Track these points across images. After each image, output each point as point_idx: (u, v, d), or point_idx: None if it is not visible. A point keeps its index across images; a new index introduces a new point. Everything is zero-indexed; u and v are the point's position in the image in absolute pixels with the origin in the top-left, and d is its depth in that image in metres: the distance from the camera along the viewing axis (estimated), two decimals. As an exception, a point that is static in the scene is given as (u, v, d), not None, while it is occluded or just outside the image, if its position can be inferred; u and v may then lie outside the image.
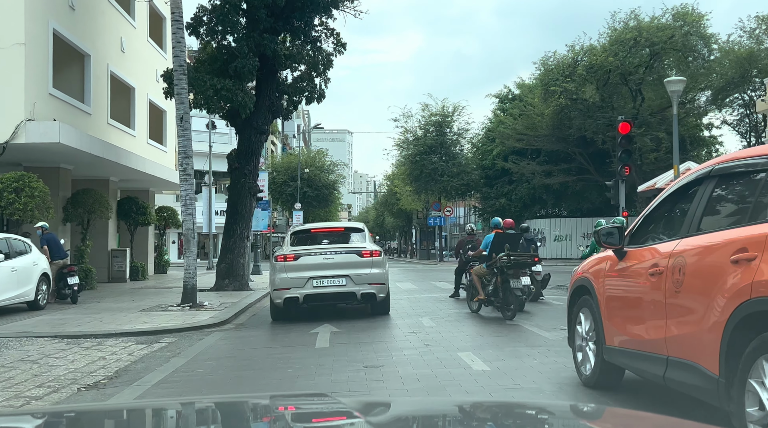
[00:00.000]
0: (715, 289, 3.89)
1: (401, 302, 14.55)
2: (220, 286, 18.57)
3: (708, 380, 3.93)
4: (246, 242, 19.04)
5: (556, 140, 39.84)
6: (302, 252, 11.71)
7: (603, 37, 36.47)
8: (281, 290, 11.56)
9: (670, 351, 4.42)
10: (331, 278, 11.50)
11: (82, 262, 19.51)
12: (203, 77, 17.46)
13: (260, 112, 18.95)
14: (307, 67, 19.92)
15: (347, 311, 12.81)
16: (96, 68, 20.00)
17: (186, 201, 14.11)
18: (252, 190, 18.96)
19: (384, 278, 11.81)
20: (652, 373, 4.71)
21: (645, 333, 4.83)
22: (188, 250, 14.04)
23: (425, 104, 48.52)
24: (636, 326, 4.99)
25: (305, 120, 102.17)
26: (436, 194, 47.79)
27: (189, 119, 14.40)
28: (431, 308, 13.50)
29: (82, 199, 19.35)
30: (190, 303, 13.80)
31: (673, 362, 4.37)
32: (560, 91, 35.42)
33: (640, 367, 4.97)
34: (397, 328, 10.45)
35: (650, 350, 4.72)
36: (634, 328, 5.02)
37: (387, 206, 71.54)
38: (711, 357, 3.88)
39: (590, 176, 41.28)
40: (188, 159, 14.21)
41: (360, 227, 12.96)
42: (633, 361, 5.06)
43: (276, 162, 59.47)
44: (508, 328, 10.11)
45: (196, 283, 14.03)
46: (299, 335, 10.05)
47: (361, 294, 11.55)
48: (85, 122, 19.01)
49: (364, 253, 11.71)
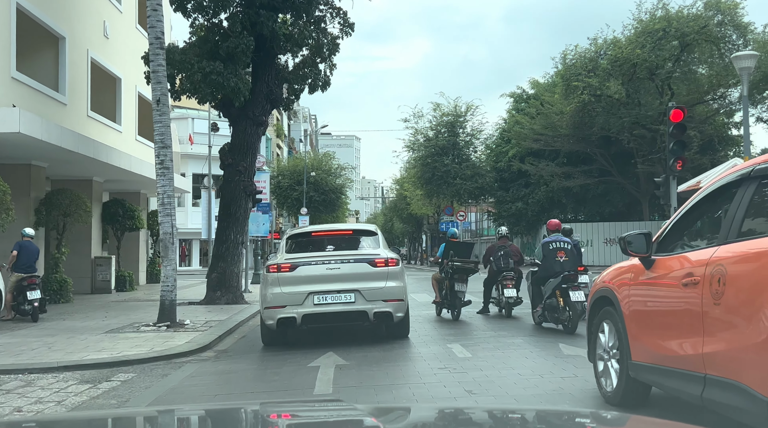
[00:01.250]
0: (760, 300, 3.61)
1: (420, 320, 12.20)
2: (211, 299, 16.28)
3: (754, 401, 3.59)
4: (241, 249, 16.76)
5: (576, 140, 37.47)
6: (300, 261, 9.41)
7: (627, 29, 34.14)
8: (274, 309, 9.25)
9: (709, 368, 4.09)
10: (337, 293, 9.22)
11: (56, 272, 17.25)
12: (190, 59, 15.23)
13: (257, 100, 16.69)
14: (311, 52, 17.66)
15: (356, 332, 10.47)
16: (73, 53, 17.79)
17: (164, 199, 11.83)
18: (247, 189, 16.67)
19: (402, 293, 9.49)
20: (688, 392, 4.37)
21: (679, 349, 4.49)
22: (167, 258, 11.75)
23: (437, 104, 46.14)
24: (667, 340, 4.64)
25: (312, 124, 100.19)
26: (448, 198, 45.40)
27: (167, 103, 12.14)
28: (459, 329, 11.13)
29: (57, 200, 17.10)
30: (168, 322, 11.51)
31: (713, 380, 4.04)
32: (582, 87, 33.05)
33: (673, 385, 4.61)
34: (421, 360, 8.10)
35: (685, 367, 4.38)
36: (666, 343, 4.66)
37: (396, 211, 69.22)
38: (758, 376, 3.59)
39: (612, 178, 38.93)
40: (166, 150, 11.94)
41: (372, 230, 10.66)
42: (664, 379, 4.72)
43: (282, 166, 57.31)
44: (568, 364, 7.74)
45: (175, 298, 11.73)
46: (294, 370, 7.72)
47: (374, 314, 9.24)
48: (58, 113, 16.80)
49: (378, 262, 9.39)
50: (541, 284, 10.79)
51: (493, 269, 13.04)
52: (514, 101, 46.93)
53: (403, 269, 9.95)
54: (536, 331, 10.39)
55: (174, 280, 11.75)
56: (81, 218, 17.55)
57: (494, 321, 12.05)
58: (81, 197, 17.60)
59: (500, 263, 12.88)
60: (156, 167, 11.97)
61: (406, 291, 9.62)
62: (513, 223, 44.86)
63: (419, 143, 46.16)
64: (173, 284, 11.71)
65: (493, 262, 13.12)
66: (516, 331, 10.43)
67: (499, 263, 12.90)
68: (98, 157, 17.32)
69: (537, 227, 43.60)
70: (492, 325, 11.45)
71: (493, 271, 13.09)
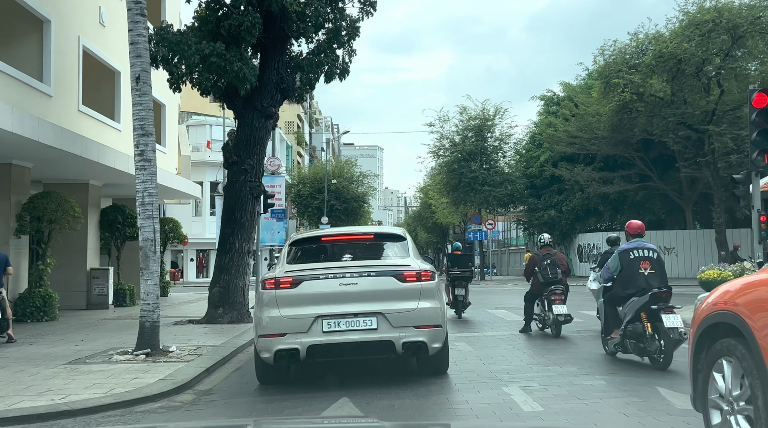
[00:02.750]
0: None
1: (459, 345, 9.91)
2: (212, 317, 14.12)
3: None
4: (247, 259, 14.59)
5: (614, 143, 34.98)
6: (306, 274, 7.18)
7: (672, 22, 31.64)
8: (271, 338, 7.02)
9: None
10: (353, 317, 6.98)
11: (40, 286, 15.22)
12: (187, 40, 13.14)
13: (265, 89, 14.57)
14: (327, 36, 15.52)
15: (379, 366, 8.22)
16: (60, 40, 15.82)
17: (144, 199, 9.68)
18: (254, 190, 14.52)
19: (439, 316, 7.19)
20: None
21: None
22: (147, 270, 9.58)
23: (463, 107, 43.70)
24: None
25: (334, 133, 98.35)
26: (475, 206, 42.94)
27: (149, 81, 10.03)
28: (512, 359, 8.79)
29: (41, 205, 15.09)
30: (148, 349, 9.34)
31: None
32: (623, 84, 30.59)
33: None
34: (472, 415, 5.79)
35: None
36: None
37: (420, 220, 66.89)
38: None
39: (652, 184, 36.36)
40: (147, 138, 9.81)
41: (399, 234, 8.22)
42: None
43: (302, 174, 55.34)
44: (689, 425, 5.40)
45: (157, 319, 9.55)
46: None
47: (402, 345, 6.97)
48: (41, 105, 14.82)
49: (408, 275, 7.13)
50: (618, 303, 8.45)
51: (539, 281, 11.50)
52: (545, 104, 44.50)
53: (440, 284, 7.63)
54: (615, 366, 8.04)
55: (156, 297, 9.58)
56: (69, 225, 15.52)
57: (548, 347, 9.74)
58: (69, 201, 15.57)
59: (547, 273, 11.35)
60: (135, 158, 9.84)
61: (444, 314, 7.32)
62: (545, 232, 42.27)
63: (445, 148, 43.82)
64: (155, 303, 9.54)
65: (539, 272, 11.48)
66: (587, 365, 8.10)
67: (546, 274, 11.36)
68: (87, 156, 15.29)
69: (571, 236, 41.01)
70: (549, 354, 9.11)
71: (538, 283, 11.55)
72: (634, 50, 32.13)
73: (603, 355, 8.77)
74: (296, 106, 67.75)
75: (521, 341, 10.51)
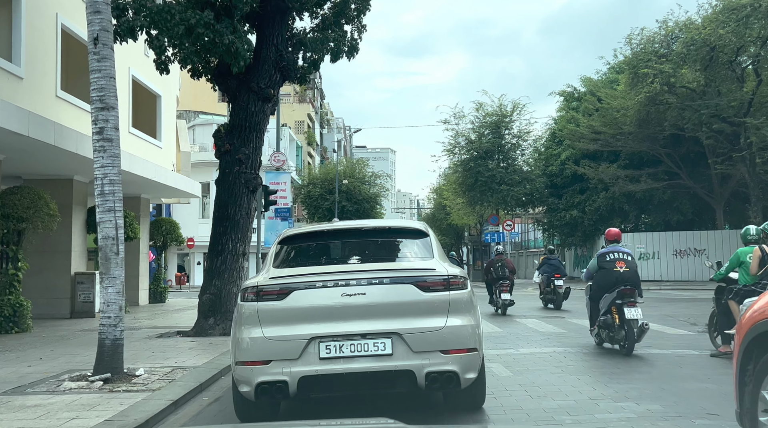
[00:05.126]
0: None
1: (494, 368, 8.01)
2: (201, 328, 12.31)
3: None
4: (242, 263, 12.77)
5: (641, 139, 32.94)
6: (297, 282, 5.34)
7: (704, 8, 29.58)
8: (252, 366, 5.25)
9: None
10: (360, 338, 5.19)
11: (10, 293, 13.45)
12: (171, 9, 11.33)
13: (263, 68, 12.75)
14: (333, 9, 13.74)
15: (393, 400, 6.31)
16: (34, 15, 14.09)
17: (103, 188, 7.85)
18: (250, 183, 12.69)
19: (474, 337, 5.34)
20: None
21: None
22: (107, 275, 7.74)
23: (479, 103, 41.76)
24: None
25: (346, 134, 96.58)
26: (493, 206, 40.95)
27: (110, 43, 8.21)
28: (566, 389, 6.82)
29: (11, 202, 13.33)
30: (108, 373, 7.51)
31: None
32: (653, 75, 28.56)
33: None
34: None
35: None
36: None
37: (434, 222, 64.91)
38: None
39: (681, 181, 34.18)
40: (108, 112, 7.99)
41: (420, 229, 6.32)
42: None
43: (312, 174, 53.59)
44: None
45: (120, 335, 7.71)
46: None
47: (426, 375, 5.14)
48: (9, 87, 13.08)
49: (432, 283, 5.31)
50: (597, 299, 9.60)
51: (494, 277, 16.84)
52: (564, 100, 42.40)
53: (473, 294, 5.65)
54: (706, 398, 6.13)
55: (119, 309, 7.74)
56: (43, 224, 13.75)
57: (608, 370, 7.85)
58: (43, 197, 13.81)
59: (499, 272, 16.73)
60: (93, 138, 8.01)
61: (480, 333, 5.46)
62: (567, 234, 40.15)
63: (461, 146, 41.89)
64: (117, 316, 7.71)
65: (493, 272, 16.92)
66: (671, 400, 6.18)
67: (498, 273, 16.73)
68: (63, 145, 13.53)
69: (594, 237, 38.85)
70: (614, 383, 7.20)
71: (493, 279, 16.85)
72: (663, 39, 30.15)
73: (686, 384, 6.84)
74: (306, 105, 66.09)
75: (569, 361, 8.60)
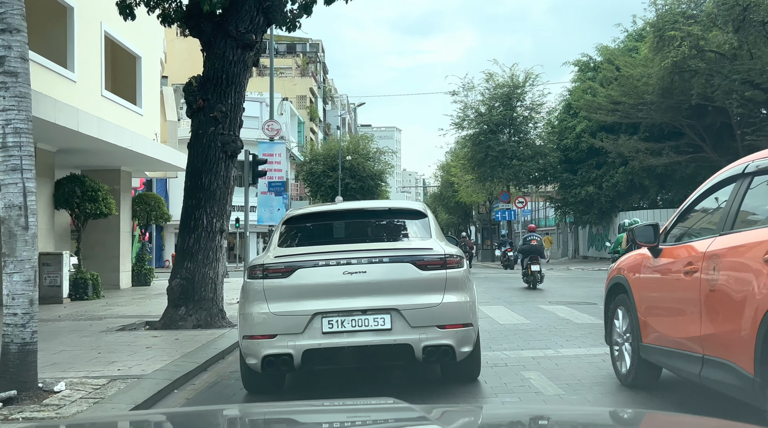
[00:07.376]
0: (748, 288, 3.91)
1: (531, 378, 6.07)
2: (171, 319, 10.34)
3: (743, 379, 3.90)
4: (219, 241, 10.76)
5: (664, 109, 30.73)
6: (301, 260, 5.80)
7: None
8: (258, 340, 5.69)
9: (706, 349, 4.40)
10: (361, 314, 5.63)
11: (-49, 276, 11.50)
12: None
13: (242, 9, 10.66)
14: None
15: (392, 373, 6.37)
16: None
17: (5, 139, 5.86)
18: (228, 147, 10.65)
19: (469, 313, 5.81)
20: (688, 371, 4.69)
21: (681, 332, 4.80)
22: (11, 258, 5.77)
23: (490, 74, 39.49)
24: (672, 324, 4.98)
25: (349, 109, 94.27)
26: (504, 182, 38.86)
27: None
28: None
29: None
30: (14, 390, 5.58)
31: (709, 361, 4.35)
32: (681, 37, 26.30)
33: (676, 365, 4.93)
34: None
35: (686, 348, 4.70)
36: (670, 326, 5.01)
37: (441, 200, 62.81)
38: (746, 356, 3.86)
39: (704, 155, 31.94)
40: (9, 36, 5.98)
41: (419, 210, 6.67)
42: (669, 359, 5.02)
43: (315, 151, 51.55)
44: None
45: (30, 339, 5.76)
46: None
47: (423, 349, 5.58)
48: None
49: (430, 261, 5.76)
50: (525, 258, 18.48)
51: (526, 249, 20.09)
52: (580, 70, 40.08)
53: (469, 272, 6.11)
54: None
55: (29, 303, 5.80)
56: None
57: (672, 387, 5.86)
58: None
59: None
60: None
61: (475, 310, 5.95)
62: (582, 211, 38.03)
63: (470, 119, 39.71)
64: (27, 312, 5.75)
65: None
66: None
67: None
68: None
69: (611, 214, 36.77)
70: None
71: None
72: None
73: None
74: (308, 79, 63.80)
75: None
